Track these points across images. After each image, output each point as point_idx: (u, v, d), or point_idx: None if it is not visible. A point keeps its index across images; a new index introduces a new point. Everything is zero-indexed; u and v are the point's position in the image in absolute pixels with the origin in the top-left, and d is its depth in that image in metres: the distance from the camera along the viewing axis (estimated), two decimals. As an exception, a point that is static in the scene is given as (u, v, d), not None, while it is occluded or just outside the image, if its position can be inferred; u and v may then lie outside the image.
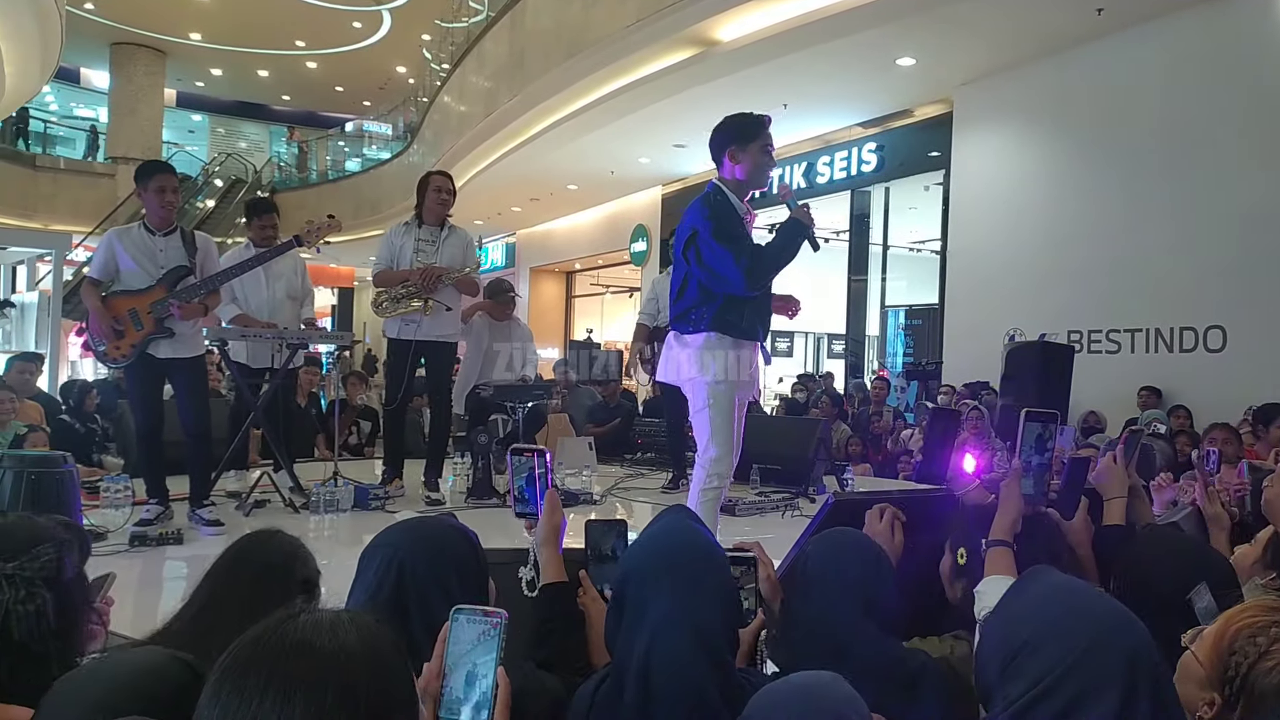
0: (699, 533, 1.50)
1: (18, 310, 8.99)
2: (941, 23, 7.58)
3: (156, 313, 3.98)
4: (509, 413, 5.31)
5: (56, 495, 2.59)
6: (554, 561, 1.74)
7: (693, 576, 1.40)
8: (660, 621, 1.34)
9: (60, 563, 1.32)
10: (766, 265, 3.20)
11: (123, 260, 4.02)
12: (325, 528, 4.27)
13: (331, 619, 0.85)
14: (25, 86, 11.24)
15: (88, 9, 18.20)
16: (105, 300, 4.01)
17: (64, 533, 1.40)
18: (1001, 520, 1.84)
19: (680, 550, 1.43)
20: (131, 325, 3.98)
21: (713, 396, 3.16)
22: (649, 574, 1.40)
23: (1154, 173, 7.56)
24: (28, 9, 8.41)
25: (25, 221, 18.52)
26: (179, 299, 3.99)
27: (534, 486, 1.81)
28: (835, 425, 7.65)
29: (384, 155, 21.00)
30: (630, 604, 1.39)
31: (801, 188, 11.87)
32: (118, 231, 4.19)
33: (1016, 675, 1.17)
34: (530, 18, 11.12)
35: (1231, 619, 1.26)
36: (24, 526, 1.38)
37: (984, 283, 9.04)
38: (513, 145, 12.26)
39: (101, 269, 4.06)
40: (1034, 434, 1.92)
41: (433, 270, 4.67)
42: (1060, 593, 1.27)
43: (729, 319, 3.19)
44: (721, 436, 3.16)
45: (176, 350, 4.05)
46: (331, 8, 18.46)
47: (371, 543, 1.53)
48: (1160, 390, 7.30)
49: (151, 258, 4.04)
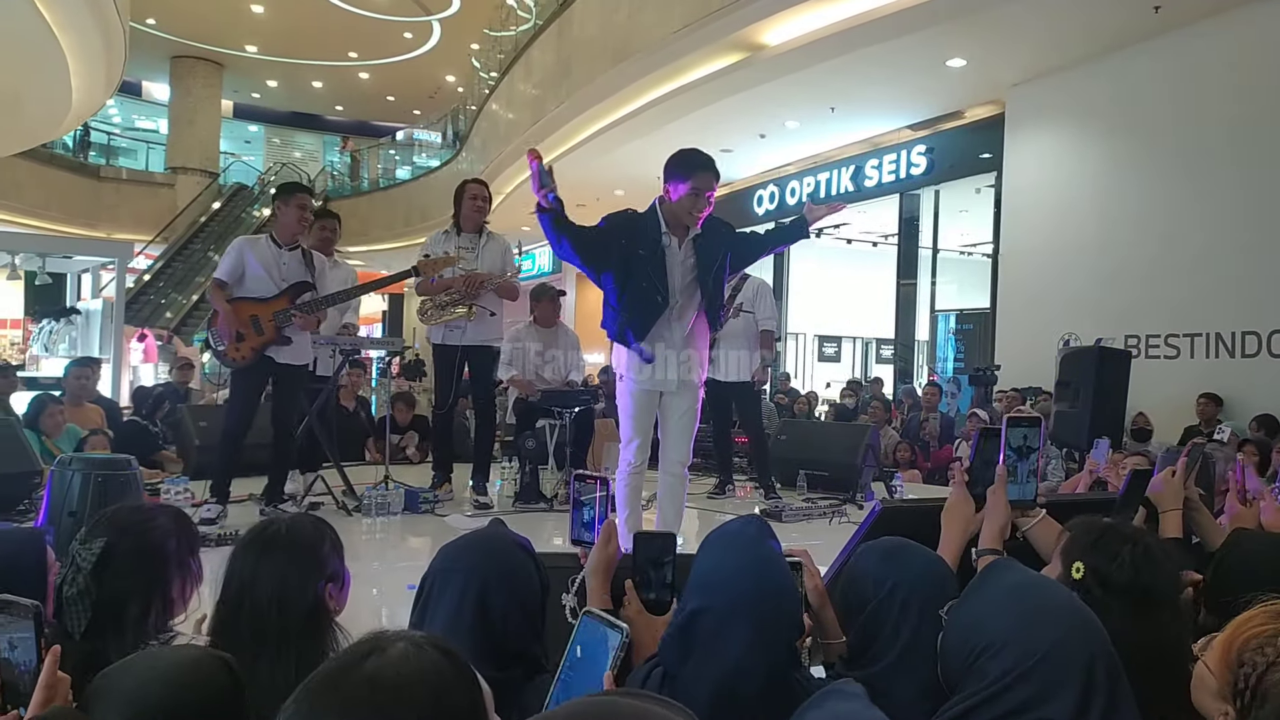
0: (779, 563, 1.48)
1: (83, 317, 9.28)
2: (993, 23, 7.47)
3: (279, 320, 4.18)
4: (556, 417, 5.34)
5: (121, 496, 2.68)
6: (599, 592, 1.73)
7: (774, 621, 1.40)
8: (734, 665, 1.34)
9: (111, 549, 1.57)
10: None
11: (251, 267, 4.22)
12: (377, 530, 4.35)
13: (400, 654, 0.85)
14: (91, 100, 11.61)
15: (149, 24, 18.76)
16: (231, 303, 4.18)
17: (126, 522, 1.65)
18: (989, 528, 1.83)
19: (764, 590, 1.41)
20: (253, 330, 4.16)
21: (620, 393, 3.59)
22: (727, 612, 1.38)
23: (1216, 172, 7.36)
24: (94, 26, 8.69)
25: (90, 231, 19.12)
26: (301, 310, 4.20)
27: (594, 515, 1.81)
28: (884, 431, 7.57)
29: (433, 163, 21.27)
30: (702, 639, 1.38)
31: (849, 191, 11.78)
32: (248, 240, 4.39)
33: (979, 675, 1.22)
34: (577, 25, 11.20)
35: (1239, 628, 1.21)
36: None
37: (1038, 286, 8.88)
38: (560, 152, 12.34)
39: (230, 273, 4.23)
40: (1017, 438, 1.89)
41: (475, 277, 4.74)
42: (1021, 591, 1.31)
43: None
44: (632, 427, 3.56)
45: (293, 357, 4.30)
46: (384, 19, 18.78)
47: (442, 565, 1.53)
48: (1221, 397, 7.09)
49: (276, 269, 4.26)
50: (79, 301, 9.89)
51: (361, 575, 3.43)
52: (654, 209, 3.47)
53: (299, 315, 4.21)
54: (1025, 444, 1.88)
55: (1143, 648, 1.42)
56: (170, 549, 1.63)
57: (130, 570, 1.57)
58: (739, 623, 1.37)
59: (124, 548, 1.58)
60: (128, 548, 1.59)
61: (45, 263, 9.48)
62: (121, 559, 1.57)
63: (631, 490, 3.58)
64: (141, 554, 1.59)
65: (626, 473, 3.56)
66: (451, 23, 18.71)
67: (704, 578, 1.45)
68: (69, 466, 2.72)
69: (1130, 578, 1.55)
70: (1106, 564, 1.57)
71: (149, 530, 1.64)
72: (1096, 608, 1.36)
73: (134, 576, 1.57)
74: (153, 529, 1.64)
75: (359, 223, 21.79)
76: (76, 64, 9.49)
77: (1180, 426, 6.86)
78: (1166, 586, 1.58)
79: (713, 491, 5.49)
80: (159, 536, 1.63)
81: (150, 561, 1.60)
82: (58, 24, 8.33)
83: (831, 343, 15.71)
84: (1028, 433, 1.89)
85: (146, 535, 1.63)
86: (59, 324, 9.10)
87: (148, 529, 1.64)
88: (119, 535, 1.60)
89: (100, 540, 1.58)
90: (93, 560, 1.55)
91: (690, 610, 1.42)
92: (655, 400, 3.56)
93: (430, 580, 1.52)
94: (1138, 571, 1.56)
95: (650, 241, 3.39)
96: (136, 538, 1.61)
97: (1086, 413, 6.09)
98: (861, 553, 1.68)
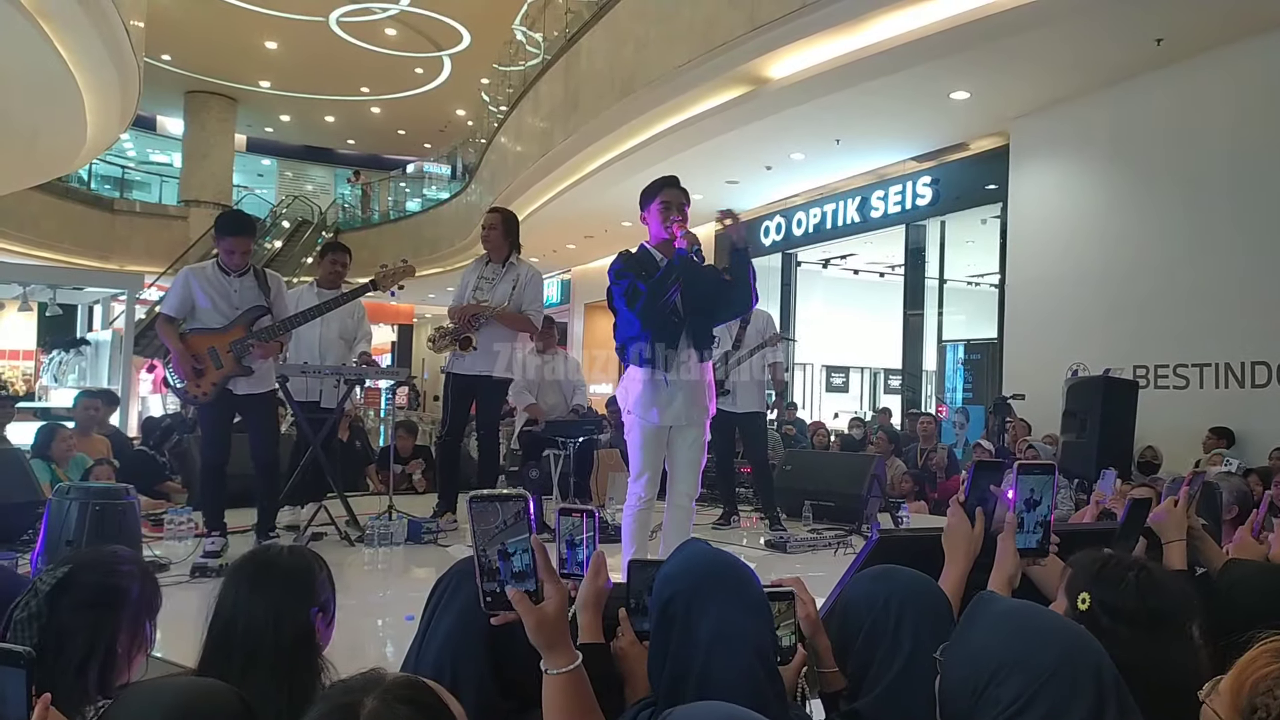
0: (727, 552, 1.51)
1: (92, 348, 9.34)
2: (995, 56, 7.53)
3: (236, 351, 4.07)
4: (561, 447, 5.34)
5: (118, 526, 2.68)
6: (592, 625, 1.72)
7: (737, 588, 1.41)
8: (715, 635, 1.34)
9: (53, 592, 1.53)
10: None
11: (199, 299, 4.10)
12: (380, 560, 4.33)
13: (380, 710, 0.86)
14: (106, 135, 11.78)
15: (165, 59, 19.08)
16: (183, 338, 4.08)
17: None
18: (998, 576, 1.81)
19: (721, 566, 1.44)
20: (211, 364, 4.06)
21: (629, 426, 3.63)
22: (695, 591, 1.40)
23: (1223, 203, 7.37)
24: (110, 63, 8.84)
25: (103, 263, 19.32)
26: (259, 338, 4.09)
27: (579, 549, 1.80)
28: (890, 461, 7.53)
29: (443, 195, 21.47)
30: (679, 625, 1.38)
31: (856, 222, 11.82)
32: (193, 270, 4.25)
33: (992, 703, 1.22)
34: (585, 60, 11.34)
35: (1244, 670, 1.19)
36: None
37: (1045, 316, 8.86)
38: (568, 184, 12.44)
39: (177, 307, 4.13)
40: (1027, 488, 1.86)
41: (469, 308, 4.75)
42: (1016, 618, 1.31)
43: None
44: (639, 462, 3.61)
45: (253, 387, 4.17)
46: (395, 55, 19.06)
47: (445, 586, 1.55)
48: (1231, 430, 7.03)
49: (227, 297, 4.13)
50: (89, 333, 9.96)
51: (364, 606, 3.44)
52: (643, 247, 3.67)
53: (257, 344, 4.09)
54: (1032, 496, 1.86)
55: (1154, 675, 1.41)
56: (130, 595, 1.59)
57: (84, 603, 1.53)
58: (707, 594, 1.39)
59: (84, 579, 1.55)
60: (88, 580, 1.55)
61: (56, 294, 9.56)
62: (79, 589, 1.53)
63: (639, 526, 3.60)
64: (100, 590, 1.55)
65: (636, 507, 3.59)
66: (462, 58, 18.97)
67: (664, 577, 1.47)
68: (67, 496, 2.72)
69: (1137, 602, 1.54)
70: (1112, 592, 1.57)
71: (114, 571, 1.60)
72: (1105, 638, 1.35)
73: (87, 610, 1.52)
74: (118, 571, 1.61)
75: (369, 254, 21.91)
76: (92, 100, 9.64)
77: (1190, 458, 6.80)
78: (1174, 610, 1.57)
79: (717, 522, 5.46)
80: (122, 579, 1.60)
81: (107, 599, 1.55)
82: (75, 62, 8.47)
83: (839, 373, 15.69)
84: (1035, 484, 1.86)
85: (111, 575, 1.59)
86: (69, 355, 9.16)
87: (114, 569, 1.61)
88: (83, 567, 1.58)
89: (65, 567, 1.57)
90: (51, 583, 1.53)
91: (660, 605, 1.44)
92: (664, 435, 3.59)
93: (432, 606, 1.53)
94: (1144, 596, 1.55)
95: (653, 267, 3.54)
96: (101, 574, 1.58)
97: (1094, 443, 6.07)
98: (853, 581, 1.69)
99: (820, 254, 13.53)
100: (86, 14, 7.66)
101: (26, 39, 7.66)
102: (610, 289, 3.59)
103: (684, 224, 3.55)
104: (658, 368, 3.50)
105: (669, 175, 3.70)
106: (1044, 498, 1.85)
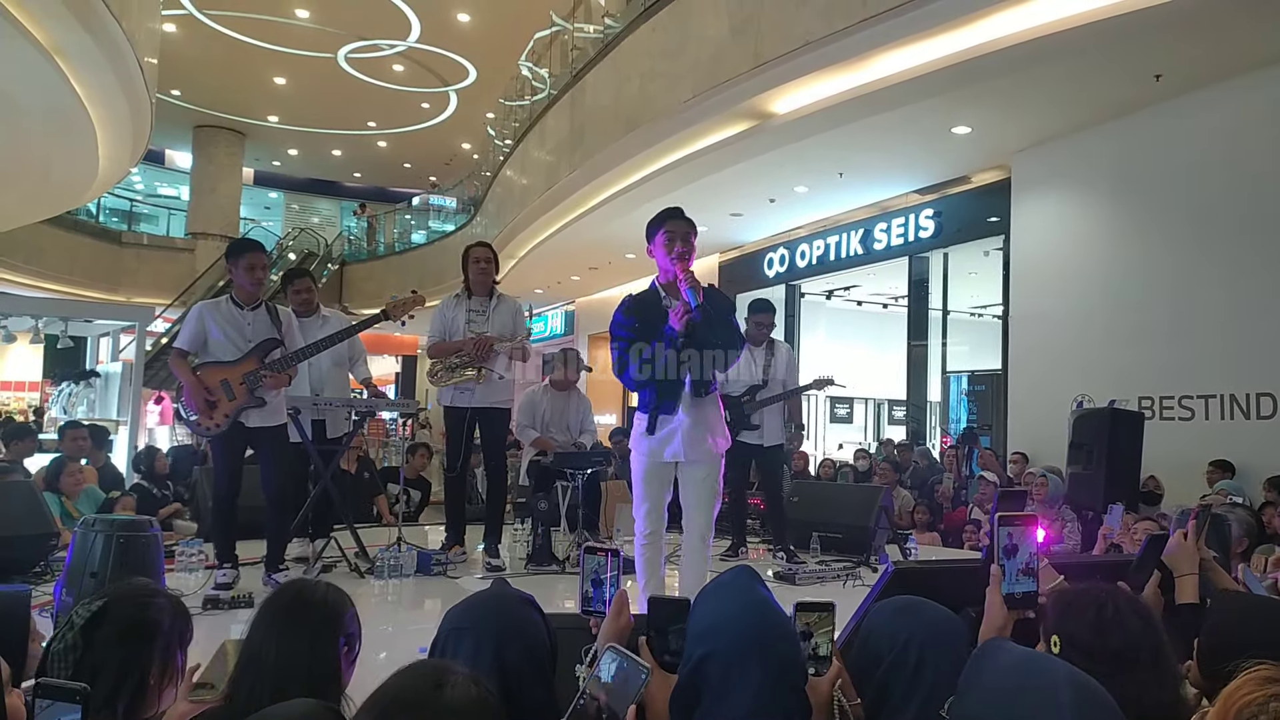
0: (772, 603, 1.49)
1: (101, 379, 9.39)
2: (996, 92, 7.63)
3: (249, 383, 4.11)
4: (569, 479, 5.36)
5: (142, 558, 2.70)
6: None
7: (781, 663, 1.39)
8: (752, 711, 1.34)
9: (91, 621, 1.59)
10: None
11: (213, 332, 4.17)
12: (389, 592, 4.34)
13: (465, 682, 1.00)
14: (117, 169, 11.92)
15: (175, 94, 19.33)
16: (196, 372, 4.12)
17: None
18: (987, 628, 1.79)
19: (767, 631, 1.42)
20: (224, 396, 4.10)
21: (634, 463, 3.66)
22: (735, 655, 1.37)
23: (1226, 234, 7.42)
24: (123, 98, 8.97)
25: (111, 295, 19.45)
26: (271, 369, 4.15)
27: (603, 588, 1.82)
28: (897, 492, 7.53)
29: (448, 228, 21.62)
30: (711, 684, 1.37)
31: (859, 254, 11.90)
32: (207, 305, 4.32)
33: None
34: (590, 95, 11.48)
35: (1230, 698, 1.20)
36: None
37: (1049, 348, 8.89)
38: (573, 216, 12.54)
39: (191, 341, 4.17)
40: (1003, 538, 1.83)
41: (485, 340, 4.80)
42: (1021, 669, 1.29)
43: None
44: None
45: (265, 419, 4.21)
46: (402, 90, 19.31)
47: (453, 625, 1.53)
48: (1232, 463, 7.02)
49: (240, 331, 4.19)
50: (98, 364, 10.01)
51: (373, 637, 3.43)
52: (652, 285, 3.69)
53: (269, 375, 4.15)
54: (1011, 542, 1.85)
55: (1132, 710, 1.38)
56: (163, 628, 1.63)
57: (118, 637, 1.57)
58: (748, 664, 1.36)
59: (118, 613, 1.59)
60: (122, 614, 1.60)
61: (67, 326, 9.63)
62: (113, 623, 1.58)
63: (649, 562, 3.60)
64: (134, 623, 1.60)
65: (642, 544, 3.61)
66: (468, 93, 19.20)
67: (705, 626, 1.45)
68: (92, 528, 2.74)
69: (1095, 641, 1.54)
70: (1074, 629, 1.57)
71: (148, 605, 1.65)
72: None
73: (120, 646, 1.56)
74: (152, 605, 1.66)
75: (375, 285, 22.08)
76: (104, 134, 9.77)
77: (1195, 489, 6.79)
78: (1137, 646, 1.54)
79: (725, 554, 5.46)
80: (156, 613, 1.64)
81: (140, 632, 1.60)
82: (89, 97, 8.61)
83: (844, 404, 15.68)
84: (1012, 532, 1.83)
85: (146, 608, 1.64)
86: (78, 386, 9.21)
87: (148, 602, 1.65)
88: (118, 600, 1.62)
89: (100, 600, 1.61)
90: (86, 616, 1.57)
91: (697, 658, 1.41)
92: (667, 471, 3.59)
93: (441, 642, 1.53)
94: (1103, 635, 1.54)
95: (654, 309, 3.55)
96: (136, 608, 1.62)
97: (1101, 474, 6.08)
98: (875, 610, 1.69)
99: (824, 285, 13.60)
100: (102, 51, 7.80)
101: (43, 75, 7.79)
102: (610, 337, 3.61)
103: (690, 255, 3.55)
104: (656, 410, 3.51)
105: (673, 207, 3.69)
106: (1019, 545, 1.82)
